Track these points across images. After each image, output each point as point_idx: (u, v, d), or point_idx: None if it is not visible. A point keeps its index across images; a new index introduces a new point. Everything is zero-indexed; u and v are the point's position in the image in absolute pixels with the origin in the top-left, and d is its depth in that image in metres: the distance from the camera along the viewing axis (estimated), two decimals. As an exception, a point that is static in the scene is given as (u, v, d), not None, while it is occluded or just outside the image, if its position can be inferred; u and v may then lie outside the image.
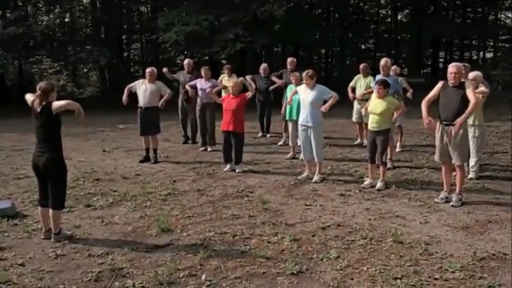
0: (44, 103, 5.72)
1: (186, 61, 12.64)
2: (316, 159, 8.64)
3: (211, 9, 21.95)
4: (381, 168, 8.13)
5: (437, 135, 7.32)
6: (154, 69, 10.44)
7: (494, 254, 5.40)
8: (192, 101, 11.82)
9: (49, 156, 5.77)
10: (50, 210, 5.88)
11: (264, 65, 13.25)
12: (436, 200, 7.35)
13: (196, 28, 21.61)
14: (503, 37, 37.22)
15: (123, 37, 31.50)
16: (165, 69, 12.26)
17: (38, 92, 5.77)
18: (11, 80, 29.21)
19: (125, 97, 10.33)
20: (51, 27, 25.73)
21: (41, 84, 5.86)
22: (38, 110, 5.74)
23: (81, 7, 30.73)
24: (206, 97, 11.17)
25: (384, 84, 8.09)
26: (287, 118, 10.65)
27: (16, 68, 27.97)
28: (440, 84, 7.29)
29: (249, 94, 9.44)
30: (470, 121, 7.85)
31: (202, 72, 11.38)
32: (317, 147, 8.55)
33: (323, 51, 34.45)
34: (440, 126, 7.25)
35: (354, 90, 11.33)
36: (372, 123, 8.12)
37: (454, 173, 7.50)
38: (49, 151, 5.78)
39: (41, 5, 28.12)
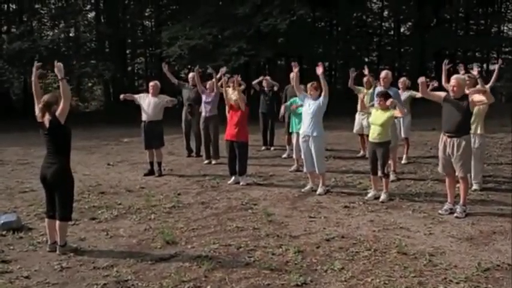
0: (50, 118, 5.78)
1: (190, 74, 12.72)
2: (317, 171, 8.66)
3: (214, 23, 22.10)
4: (384, 180, 8.14)
5: (440, 147, 7.35)
6: (158, 83, 10.51)
7: (498, 265, 5.40)
8: (196, 115, 11.89)
9: (57, 168, 5.83)
10: (57, 222, 5.92)
11: (266, 78, 13.34)
12: (440, 211, 7.35)
13: (200, 42, 21.75)
14: (506, 49, 37.22)
15: (127, 51, 31.68)
16: (164, 67, 12.30)
17: (41, 105, 5.84)
18: (16, 95, 29.39)
19: (125, 96, 10.46)
20: (56, 42, 25.93)
21: (44, 97, 5.92)
22: (46, 122, 5.80)
23: (86, 22, 30.97)
24: (210, 110, 11.27)
25: (385, 97, 8.11)
26: (291, 131, 10.70)
27: (21, 83, 28.14)
28: (443, 94, 7.34)
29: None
30: (471, 131, 7.84)
31: (208, 85, 11.45)
32: (318, 158, 8.56)
33: (326, 64, 34.53)
34: (443, 138, 7.28)
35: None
36: (373, 134, 8.13)
37: (458, 185, 7.50)
38: (57, 162, 5.85)
39: (45, 20, 28.41)
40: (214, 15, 22.34)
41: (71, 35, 29.65)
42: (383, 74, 9.53)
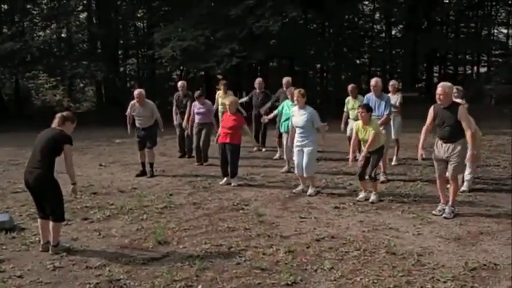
0: (61, 127, 5.98)
1: (179, 83, 12.79)
2: (305, 174, 8.71)
3: (207, 24, 22.11)
4: (372, 183, 8.20)
5: (435, 149, 7.41)
6: (142, 92, 10.48)
7: (485, 264, 5.50)
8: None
9: (39, 173, 5.87)
10: (50, 223, 5.97)
11: (258, 80, 13.42)
12: (433, 212, 7.43)
13: (192, 43, 21.75)
14: (497, 52, 37.55)
15: (119, 52, 31.62)
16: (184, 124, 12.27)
17: (59, 115, 6.12)
18: (7, 95, 29.28)
19: (129, 128, 10.54)
20: (48, 43, 25.87)
21: (64, 112, 6.32)
22: (54, 126, 5.96)
23: (78, 22, 30.87)
24: (202, 118, 11.32)
25: (366, 108, 8.17)
26: (282, 130, 10.78)
27: (13, 83, 28.06)
28: (432, 108, 7.38)
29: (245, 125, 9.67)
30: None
31: (196, 99, 11.44)
32: (308, 163, 8.58)
33: (318, 65, 34.64)
34: (439, 142, 7.35)
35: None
36: (364, 145, 8.21)
37: (447, 186, 7.59)
38: (39, 168, 5.88)
39: (37, 21, 28.25)
40: (207, 17, 22.36)
41: (63, 35, 29.57)
42: (373, 82, 9.57)
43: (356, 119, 10.49)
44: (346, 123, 11.30)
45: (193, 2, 22.97)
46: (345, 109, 11.41)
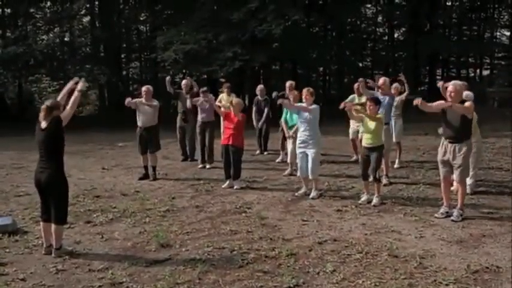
0: (49, 118, 5.89)
1: (184, 82, 12.76)
2: (310, 176, 8.73)
3: (209, 28, 22.20)
4: (375, 184, 8.22)
5: (440, 151, 7.40)
6: (150, 88, 10.50)
7: (487, 267, 5.50)
8: (191, 121, 11.96)
9: (50, 173, 5.90)
10: (52, 225, 5.99)
11: (260, 87, 13.44)
12: (436, 215, 7.41)
13: (194, 47, 21.83)
14: (499, 54, 37.54)
15: (122, 56, 31.70)
16: (168, 78, 12.46)
17: (44, 107, 5.99)
18: (10, 99, 29.39)
19: (129, 102, 10.23)
20: (51, 47, 25.96)
21: (47, 101, 6.14)
22: (43, 125, 5.90)
23: (81, 26, 30.98)
24: (206, 116, 11.35)
25: (375, 101, 8.20)
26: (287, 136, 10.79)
27: (16, 87, 28.15)
28: (443, 104, 7.35)
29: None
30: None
31: (202, 94, 11.45)
32: (313, 164, 8.62)
33: (321, 68, 34.68)
34: (444, 143, 7.35)
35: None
36: (366, 140, 8.23)
37: (451, 188, 7.58)
38: (50, 167, 5.91)
39: (41, 25, 28.38)
40: (209, 20, 22.44)
41: (66, 39, 29.68)
42: (381, 80, 9.59)
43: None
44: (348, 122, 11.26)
45: (196, 5, 23.05)
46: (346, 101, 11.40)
